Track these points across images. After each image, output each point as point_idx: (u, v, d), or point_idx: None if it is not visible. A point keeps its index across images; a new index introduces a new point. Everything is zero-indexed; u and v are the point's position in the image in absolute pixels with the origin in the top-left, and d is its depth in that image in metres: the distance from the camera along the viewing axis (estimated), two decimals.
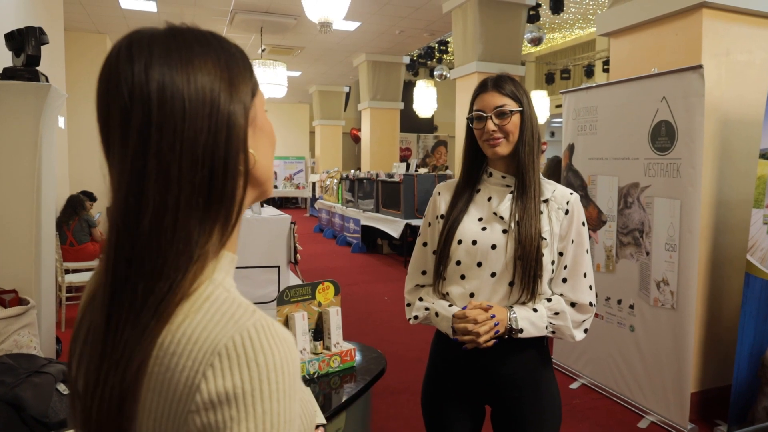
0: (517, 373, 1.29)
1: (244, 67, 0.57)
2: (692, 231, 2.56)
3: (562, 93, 3.49)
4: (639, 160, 2.85)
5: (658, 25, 3.00)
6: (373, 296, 5.56)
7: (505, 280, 1.26)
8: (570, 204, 1.31)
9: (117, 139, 0.51)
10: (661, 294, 2.74)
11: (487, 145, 1.30)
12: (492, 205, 1.32)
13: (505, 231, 1.27)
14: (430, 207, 1.43)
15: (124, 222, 0.51)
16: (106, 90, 0.52)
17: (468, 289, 1.28)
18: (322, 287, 1.56)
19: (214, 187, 0.53)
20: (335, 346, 1.64)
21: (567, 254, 1.29)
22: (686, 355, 2.61)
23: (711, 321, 2.89)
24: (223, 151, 0.53)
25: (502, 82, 1.31)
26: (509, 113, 1.28)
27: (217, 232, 0.54)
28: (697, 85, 2.49)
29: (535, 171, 1.29)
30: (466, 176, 1.37)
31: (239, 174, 0.54)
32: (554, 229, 1.29)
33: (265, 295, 2.42)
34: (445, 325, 1.29)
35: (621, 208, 2.99)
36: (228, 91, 0.53)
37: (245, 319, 0.50)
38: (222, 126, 0.52)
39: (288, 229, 2.40)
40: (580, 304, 1.30)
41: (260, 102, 0.59)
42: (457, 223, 1.31)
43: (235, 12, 7.45)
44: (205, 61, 0.53)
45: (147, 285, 0.50)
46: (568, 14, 9.68)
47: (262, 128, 0.59)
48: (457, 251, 1.30)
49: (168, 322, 0.50)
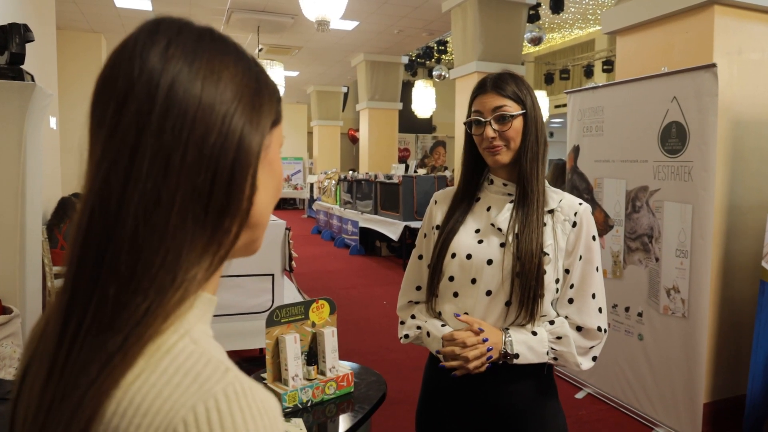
0: (516, 404, 1.16)
1: (270, 95, 0.48)
2: (705, 237, 2.45)
3: (566, 93, 3.38)
4: (648, 162, 2.75)
5: (667, 23, 2.89)
6: (371, 300, 5.46)
7: (501, 299, 1.14)
8: (578, 215, 1.17)
9: (110, 113, 0.41)
10: (672, 302, 2.64)
11: (487, 153, 1.18)
12: (491, 215, 1.20)
13: (503, 244, 1.15)
14: (426, 217, 1.31)
15: (102, 205, 0.40)
16: (115, 61, 0.42)
17: (461, 308, 1.17)
18: (316, 306, 1.43)
19: (215, 198, 0.43)
20: (331, 370, 1.49)
21: (574, 272, 1.16)
22: (698, 365, 2.51)
23: (723, 329, 2.79)
24: (231, 159, 0.43)
25: (502, 81, 1.18)
26: (510, 118, 1.15)
27: (207, 258, 0.43)
28: (710, 84, 2.39)
29: (539, 179, 1.17)
30: (465, 184, 1.25)
31: (242, 197, 0.44)
32: (559, 243, 1.16)
33: (259, 305, 2.31)
34: (436, 346, 1.17)
35: (629, 212, 2.89)
36: (250, 104, 0.45)
37: (213, 381, 0.39)
38: (234, 133, 0.43)
39: (283, 235, 2.29)
40: (587, 329, 1.16)
41: (278, 137, 0.50)
42: (452, 234, 1.19)
43: (232, 11, 7.35)
44: (235, 65, 0.45)
45: (120, 293, 0.39)
46: (568, 14, 9.61)
47: (272, 165, 0.49)
48: (450, 266, 1.18)
49: (130, 368, 0.39)
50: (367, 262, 7.69)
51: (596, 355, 1.19)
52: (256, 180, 0.46)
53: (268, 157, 0.48)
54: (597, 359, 1.20)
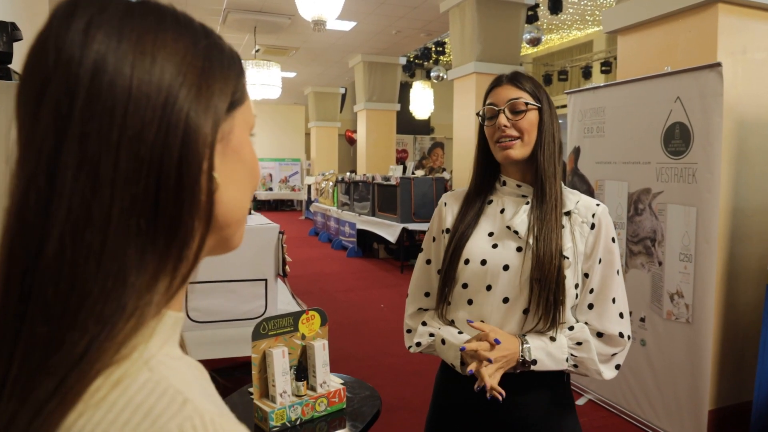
0: (530, 416, 1.10)
1: (229, 67, 0.41)
2: (709, 240, 2.39)
3: (566, 93, 3.32)
4: (651, 164, 2.69)
5: (670, 22, 2.84)
6: (369, 303, 5.39)
7: (519, 306, 1.08)
8: (596, 217, 1.12)
9: (27, 116, 0.35)
10: (675, 307, 2.58)
11: (498, 147, 1.12)
12: (505, 218, 1.13)
13: (520, 249, 1.09)
14: (435, 219, 1.24)
15: (23, 227, 0.34)
16: (30, 53, 0.36)
17: (476, 316, 1.10)
18: (306, 317, 1.34)
19: (162, 208, 0.36)
20: (321, 386, 1.41)
21: (593, 276, 1.11)
22: (703, 371, 2.45)
23: (728, 334, 2.73)
24: (176, 157, 0.36)
25: (519, 76, 1.14)
26: (525, 107, 1.09)
27: (164, 278, 0.37)
28: (714, 84, 2.33)
29: (557, 178, 1.11)
30: (477, 184, 1.18)
31: (198, 200, 0.37)
32: (578, 247, 1.10)
33: (252, 311, 2.24)
34: (453, 355, 1.10)
35: (631, 215, 2.83)
36: (196, 85, 0.37)
37: (168, 416, 0.33)
38: (177, 125, 0.36)
39: (276, 239, 2.22)
40: (608, 335, 1.10)
41: (244, 119, 0.42)
42: (464, 239, 1.13)
43: (228, 11, 7.28)
44: (174, 41, 0.37)
45: (52, 331, 0.33)
46: (566, 15, 9.58)
47: (239, 153, 0.41)
48: (463, 272, 1.12)
49: (67, 415, 0.33)
50: (364, 264, 7.62)
51: (619, 364, 1.13)
52: (213, 174, 0.38)
53: (232, 144, 0.41)
54: (620, 368, 1.14)
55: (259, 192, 16.50)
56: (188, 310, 2.19)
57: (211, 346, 2.19)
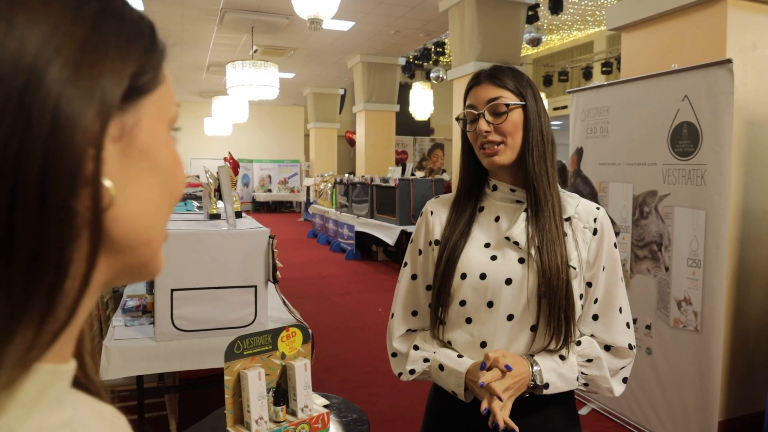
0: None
1: (132, 40, 0.30)
2: (719, 245, 2.29)
3: (568, 92, 3.23)
4: (657, 165, 2.59)
5: (677, 18, 2.74)
6: (366, 307, 5.29)
7: (526, 324, 0.98)
8: (598, 221, 1.03)
9: None
10: (683, 314, 2.47)
11: (482, 153, 1.02)
12: (501, 226, 1.03)
13: (522, 260, 0.99)
14: (420, 230, 1.12)
15: None
16: None
17: (477, 336, 1.00)
18: (287, 334, 1.22)
19: (20, 235, 0.25)
20: (303, 410, 1.27)
21: (597, 284, 1.02)
22: (712, 381, 2.34)
23: (737, 342, 2.63)
24: (39, 161, 0.25)
25: (499, 72, 1.02)
26: (507, 109, 0.99)
27: (27, 330, 0.26)
28: (724, 82, 2.23)
29: (551, 181, 1.01)
30: (465, 190, 1.08)
31: (75, 220, 0.27)
32: (581, 255, 1.01)
33: (241, 319, 2.14)
34: (454, 382, 0.99)
35: (636, 218, 2.73)
36: (73, 62, 0.27)
37: None
38: (41, 116, 0.25)
39: (266, 244, 2.12)
40: (617, 347, 1.02)
41: (158, 111, 0.32)
42: (457, 250, 1.02)
43: (225, 11, 7.19)
44: (45, 1, 0.27)
45: None
46: (567, 15, 9.50)
47: (148, 154, 0.31)
48: (460, 288, 1.01)
49: None
50: (362, 267, 7.52)
51: (626, 377, 1.05)
52: (100, 187, 0.28)
53: (138, 142, 0.31)
54: (627, 381, 1.06)
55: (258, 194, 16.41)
56: (174, 319, 2.09)
57: (197, 356, 2.09)
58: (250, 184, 16.70)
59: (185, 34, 8.47)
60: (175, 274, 2.07)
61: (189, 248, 2.07)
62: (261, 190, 16.56)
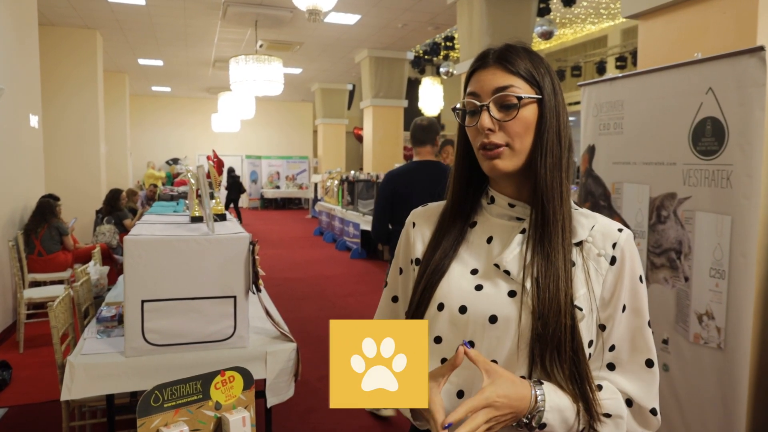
0: None
1: None
2: (747, 255, 2.07)
3: (580, 86, 3.00)
4: (676, 165, 2.36)
5: (701, 3, 2.50)
6: (368, 310, 5.11)
7: (515, 373, 0.77)
8: (618, 248, 0.80)
9: None
10: (704, 330, 2.25)
11: (482, 155, 0.80)
12: (493, 250, 0.83)
13: (513, 293, 0.78)
14: (401, 245, 0.94)
15: None
16: None
17: (454, 383, 0.80)
18: (221, 380, 0.99)
19: None
20: None
21: (614, 328, 0.80)
22: (738, 403, 2.12)
23: (764, 361, 2.40)
24: None
25: (511, 54, 0.80)
26: (518, 102, 0.77)
27: None
28: (755, 72, 2.00)
29: (564, 197, 0.79)
30: (456, 200, 0.87)
31: None
32: (594, 291, 0.79)
33: (219, 332, 1.98)
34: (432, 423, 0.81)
35: (653, 222, 2.51)
36: None
37: None
38: None
39: (246, 251, 1.95)
40: (639, 406, 0.81)
41: None
42: (438, 275, 0.82)
43: (228, 5, 7.04)
44: None
45: None
46: (580, 8, 9.22)
47: None
48: (436, 321, 0.81)
49: None
50: (367, 266, 7.35)
51: None
52: None
53: None
54: None
55: (266, 190, 16.32)
56: (145, 332, 1.92)
57: (171, 373, 1.91)
58: (259, 181, 16.61)
59: (189, 29, 8.34)
60: (146, 283, 1.90)
61: (161, 255, 1.91)
62: (269, 187, 16.46)
